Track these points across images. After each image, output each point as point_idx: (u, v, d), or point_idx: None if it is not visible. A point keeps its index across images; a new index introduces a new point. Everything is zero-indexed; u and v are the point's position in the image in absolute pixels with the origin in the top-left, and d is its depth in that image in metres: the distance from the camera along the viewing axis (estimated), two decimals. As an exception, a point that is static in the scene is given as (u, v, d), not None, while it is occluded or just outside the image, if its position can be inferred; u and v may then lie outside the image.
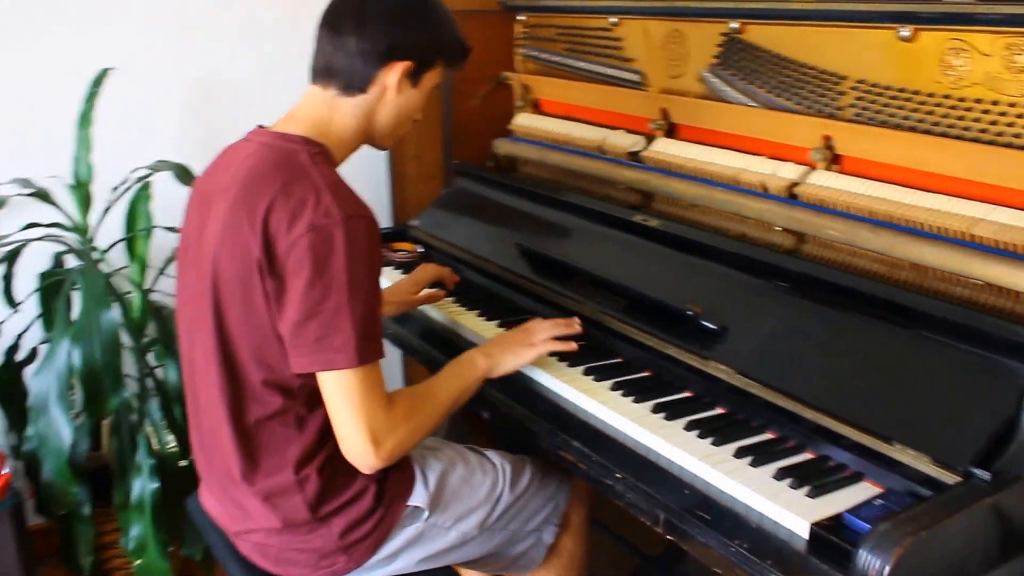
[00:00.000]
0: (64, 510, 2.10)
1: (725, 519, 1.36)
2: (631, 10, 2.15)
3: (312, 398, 1.50)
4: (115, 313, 2.09)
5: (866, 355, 1.48)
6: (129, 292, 2.34)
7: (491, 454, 1.77)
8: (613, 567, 2.37)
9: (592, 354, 1.81)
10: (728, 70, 1.96)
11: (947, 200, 1.57)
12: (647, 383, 1.70)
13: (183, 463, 2.23)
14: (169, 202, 2.40)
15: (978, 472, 1.27)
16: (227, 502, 1.59)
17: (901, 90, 1.66)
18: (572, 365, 1.76)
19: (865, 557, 1.15)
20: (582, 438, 1.61)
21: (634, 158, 2.12)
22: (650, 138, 2.11)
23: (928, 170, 1.63)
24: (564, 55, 2.37)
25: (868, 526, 1.24)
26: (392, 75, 1.56)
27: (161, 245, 2.38)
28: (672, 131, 2.09)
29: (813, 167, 1.78)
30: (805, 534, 1.28)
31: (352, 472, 1.54)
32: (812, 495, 1.34)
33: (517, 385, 1.77)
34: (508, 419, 1.75)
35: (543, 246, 2.05)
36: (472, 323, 1.98)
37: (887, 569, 1.13)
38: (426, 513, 1.62)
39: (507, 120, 2.51)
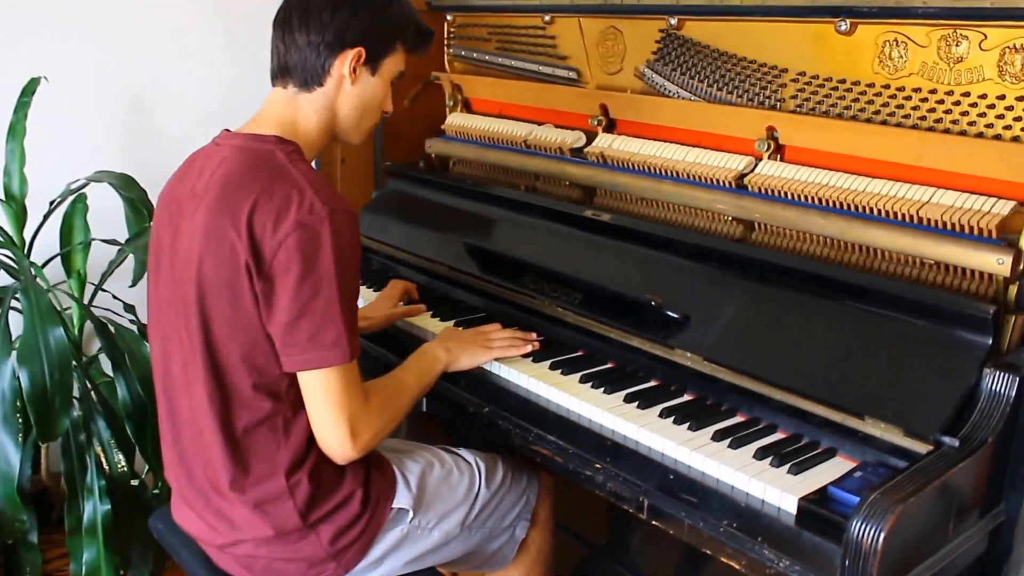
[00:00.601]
0: (12, 538, 2.04)
1: (711, 500, 1.44)
2: (564, 8, 2.21)
3: (297, 400, 1.53)
4: (62, 331, 2.04)
5: (829, 335, 1.57)
6: (68, 308, 2.29)
7: (463, 452, 1.81)
8: (558, 556, 2.42)
9: (553, 349, 1.87)
10: (667, 65, 2.04)
11: (892, 185, 1.67)
12: (613, 374, 1.77)
13: (134, 483, 2.19)
14: (106, 214, 2.37)
15: (947, 440, 1.37)
16: (209, 515, 1.58)
17: (841, 81, 1.76)
18: (536, 360, 1.82)
19: (859, 526, 1.23)
20: (557, 431, 1.67)
21: (577, 154, 2.18)
22: (591, 134, 2.17)
23: (870, 157, 1.72)
24: (495, 54, 2.41)
25: (854, 497, 1.33)
26: (346, 64, 1.59)
27: (99, 259, 2.34)
28: (611, 127, 2.16)
29: (759, 157, 1.86)
30: (793, 509, 1.36)
31: (339, 476, 1.57)
32: (793, 472, 1.42)
33: (484, 383, 1.82)
34: (476, 417, 1.80)
35: (493, 243, 2.10)
36: (428, 324, 2.01)
37: (882, 536, 1.22)
38: (410, 514, 1.65)
39: (437, 120, 2.53)
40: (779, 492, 1.38)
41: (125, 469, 2.20)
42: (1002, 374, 1.40)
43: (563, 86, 2.27)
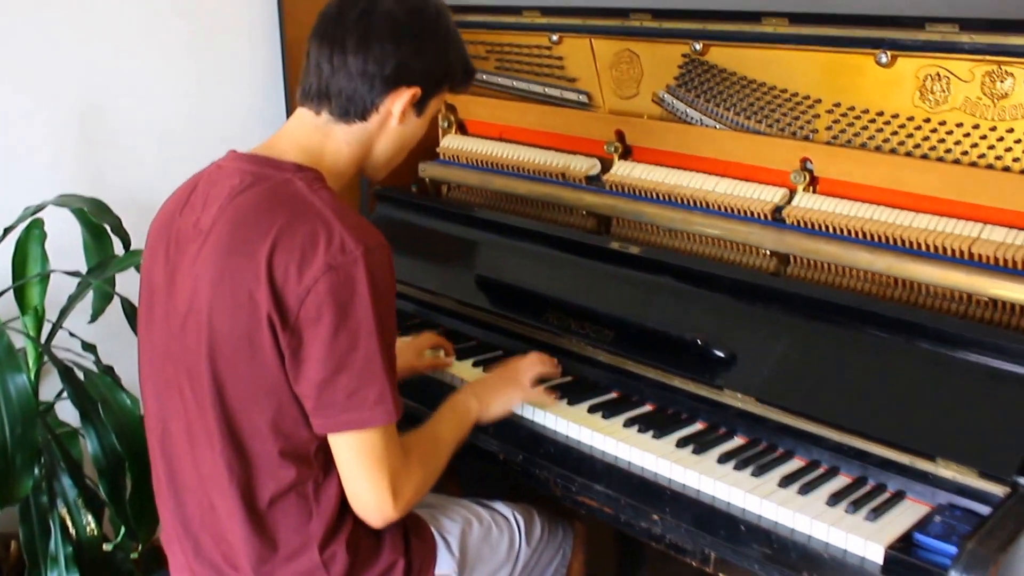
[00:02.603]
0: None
1: (788, 551, 1.49)
2: (576, 28, 2.25)
3: (327, 462, 1.48)
4: (24, 378, 1.98)
5: (887, 374, 1.64)
6: (20, 348, 2.21)
7: (498, 506, 1.82)
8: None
9: (586, 390, 1.90)
10: (689, 92, 2.09)
11: (939, 220, 1.76)
12: (657, 417, 1.81)
13: (107, 547, 2.11)
14: (66, 243, 2.31)
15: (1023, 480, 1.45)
16: None
17: (879, 113, 1.84)
18: (572, 403, 1.84)
19: (960, 576, 1.30)
20: (606, 480, 1.70)
21: (593, 182, 2.22)
22: (605, 161, 2.21)
23: (910, 191, 1.81)
24: (494, 73, 2.44)
25: (943, 544, 1.40)
26: (398, 103, 1.52)
27: (58, 293, 2.27)
28: (627, 154, 2.20)
29: (793, 189, 1.93)
30: (880, 558, 1.42)
31: (377, 545, 1.55)
32: (871, 518, 1.48)
33: (516, 428, 1.83)
34: (508, 466, 1.81)
35: (508, 276, 2.12)
36: (456, 370, 2.01)
37: (983, 587, 1.28)
38: None
39: (427, 143, 2.54)
40: (862, 540, 1.43)
41: (95, 532, 2.10)
42: (1072, 413, 1.49)
43: (573, 110, 2.30)
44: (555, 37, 2.29)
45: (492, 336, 2.11)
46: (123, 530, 2.10)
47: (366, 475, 1.45)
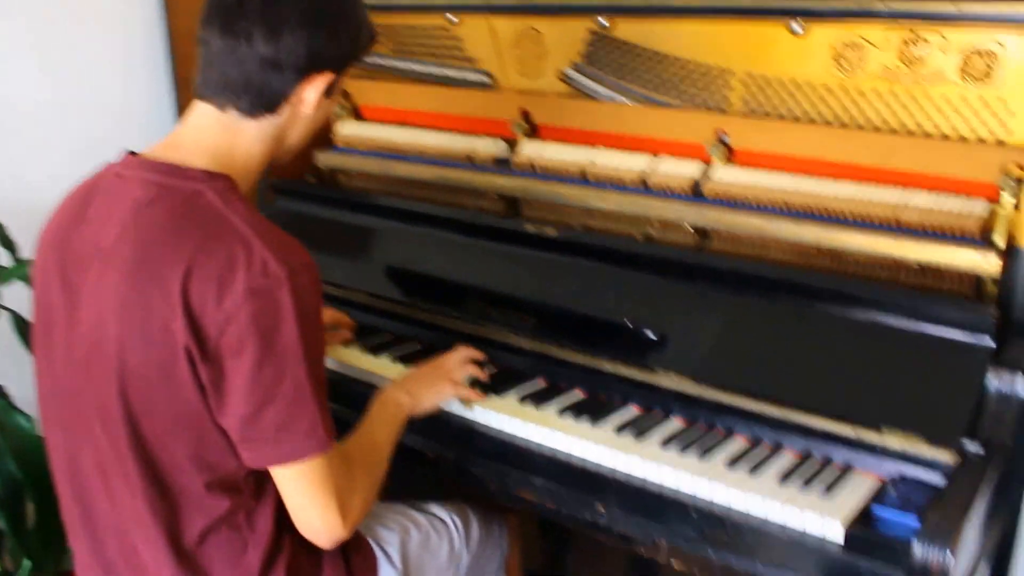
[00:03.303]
0: None
1: (744, 535, 1.45)
2: (475, 8, 2.16)
3: (260, 487, 1.38)
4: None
5: (823, 346, 1.61)
6: None
7: (434, 508, 1.74)
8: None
9: (511, 380, 1.83)
10: (596, 68, 2.03)
11: (863, 188, 1.73)
12: (589, 403, 1.75)
13: None
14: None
15: (970, 444, 1.43)
16: None
17: (795, 83, 1.81)
18: (500, 394, 1.77)
19: (924, 549, 1.27)
20: (545, 473, 1.63)
21: (502, 164, 2.13)
22: (512, 142, 2.13)
23: (833, 160, 1.78)
24: (390, 57, 2.33)
25: (899, 516, 1.38)
26: (311, 91, 1.40)
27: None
28: (534, 133, 2.12)
29: (710, 162, 1.88)
30: (839, 536, 1.38)
31: (317, 566, 1.45)
32: (824, 495, 1.45)
33: (444, 424, 1.75)
34: (439, 464, 1.73)
35: (421, 265, 2.03)
36: (364, 363, 1.91)
37: (948, 556, 1.26)
38: None
39: (321, 131, 2.41)
40: (819, 518, 1.40)
41: None
42: (1008, 374, 1.48)
43: (475, 90, 2.22)
44: (453, 18, 2.20)
45: (408, 328, 2.02)
46: (27, 564, 1.91)
47: (311, 502, 1.34)
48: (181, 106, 2.65)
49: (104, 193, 1.37)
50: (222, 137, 1.39)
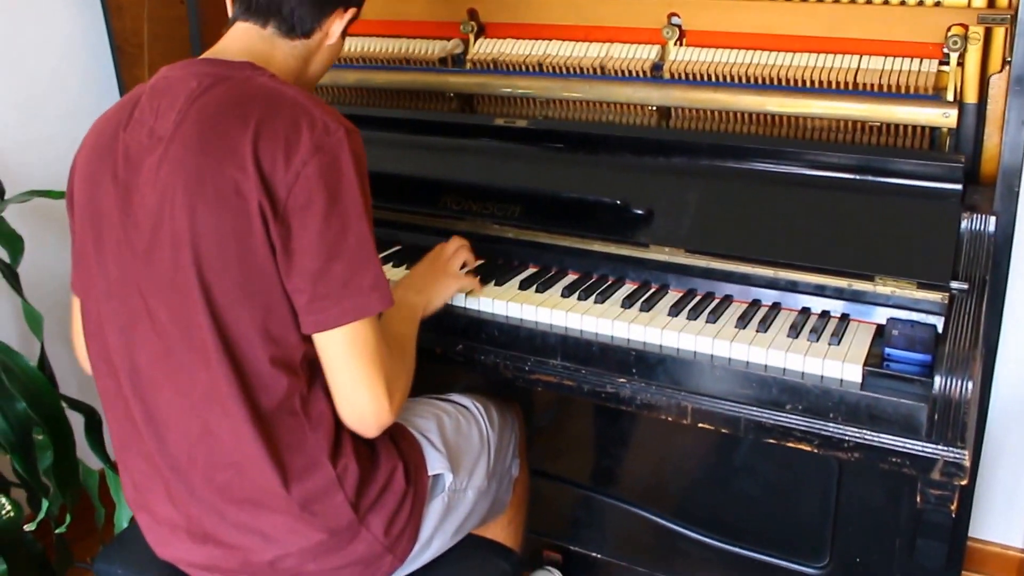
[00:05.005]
0: None
1: (769, 388, 1.54)
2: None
3: (312, 373, 1.41)
4: None
5: (806, 208, 1.71)
6: None
7: (456, 398, 1.79)
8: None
9: (508, 269, 1.88)
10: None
11: (818, 56, 1.83)
12: (586, 283, 1.81)
13: (30, 528, 1.87)
14: None
15: (957, 285, 1.56)
16: (231, 535, 1.43)
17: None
18: (500, 284, 1.82)
19: (946, 379, 1.39)
20: (561, 354, 1.69)
21: (456, 63, 2.13)
22: (463, 42, 2.12)
23: (783, 33, 1.86)
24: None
25: (910, 353, 1.50)
26: (338, 23, 1.54)
27: None
28: (482, 32, 2.12)
29: (665, 45, 1.93)
30: (858, 377, 1.50)
31: (374, 453, 1.49)
32: (834, 343, 1.57)
33: (448, 318, 1.78)
34: (448, 358, 1.77)
35: (396, 168, 2.02)
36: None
37: (970, 384, 1.38)
38: (448, 478, 1.60)
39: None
40: (838, 364, 1.51)
41: (12, 514, 1.89)
42: (976, 216, 1.61)
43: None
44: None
45: (387, 233, 2.02)
46: (44, 505, 1.86)
47: (362, 375, 1.37)
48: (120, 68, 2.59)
49: (152, 93, 1.41)
50: (261, 46, 1.48)
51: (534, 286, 1.79)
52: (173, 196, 1.32)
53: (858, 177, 1.69)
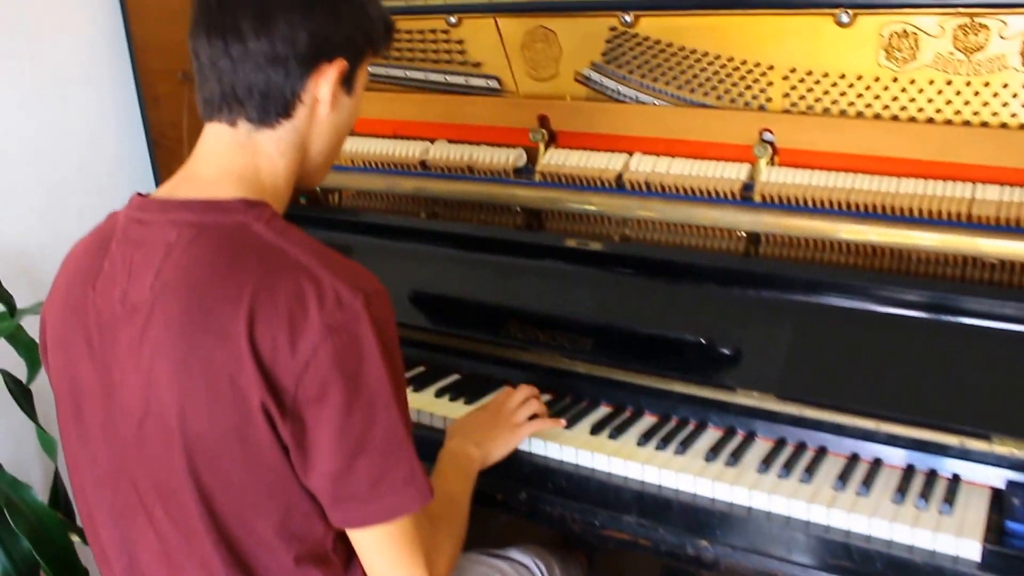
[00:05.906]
0: None
1: (874, 562, 1.39)
2: (477, 8, 2.04)
3: (349, 551, 1.25)
4: None
5: (918, 355, 1.55)
6: None
7: (514, 554, 1.65)
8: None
9: (574, 409, 1.73)
10: (620, 67, 1.93)
11: (925, 183, 1.69)
12: (668, 430, 1.66)
13: None
14: None
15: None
16: None
17: (841, 76, 1.75)
18: (569, 426, 1.68)
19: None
20: (637, 510, 1.55)
21: (520, 174, 2.02)
22: (531, 151, 2.02)
23: (885, 155, 1.73)
24: (382, 65, 2.18)
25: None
26: (324, 85, 1.24)
27: None
28: (552, 140, 2.01)
29: (755, 164, 1.81)
30: (976, 555, 1.33)
31: None
32: (945, 511, 1.40)
33: (518, 465, 1.64)
34: (510, 506, 1.64)
35: (456, 289, 1.90)
36: (433, 407, 1.77)
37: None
38: None
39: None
40: (952, 538, 1.34)
41: None
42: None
43: (482, 97, 2.09)
44: (453, 19, 2.07)
45: (445, 359, 1.89)
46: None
47: (399, 567, 1.21)
48: (149, 125, 2.50)
49: (123, 243, 1.20)
50: (242, 158, 1.23)
51: (607, 430, 1.64)
52: (158, 387, 1.13)
53: (974, 322, 1.54)
